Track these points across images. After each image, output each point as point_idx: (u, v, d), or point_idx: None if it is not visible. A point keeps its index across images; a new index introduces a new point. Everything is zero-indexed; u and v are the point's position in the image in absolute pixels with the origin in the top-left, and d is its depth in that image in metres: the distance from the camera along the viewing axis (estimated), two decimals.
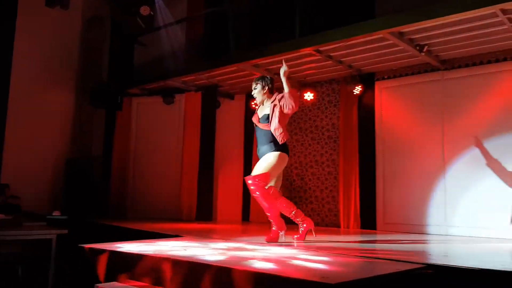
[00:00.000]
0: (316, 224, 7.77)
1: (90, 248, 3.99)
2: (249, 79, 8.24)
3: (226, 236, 5.70)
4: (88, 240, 4.37)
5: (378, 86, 7.43)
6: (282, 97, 4.97)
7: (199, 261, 3.27)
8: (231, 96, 9.45)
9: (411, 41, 6.24)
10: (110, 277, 3.75)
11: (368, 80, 7.51)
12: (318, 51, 6.77)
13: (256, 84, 5.22)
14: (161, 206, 8.84)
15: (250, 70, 7.69)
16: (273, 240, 4.99)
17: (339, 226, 7.51)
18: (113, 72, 9.96)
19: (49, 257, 5.53)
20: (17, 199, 7.92)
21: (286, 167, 6.78)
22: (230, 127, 9.32)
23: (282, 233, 5.06)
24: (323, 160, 7.97)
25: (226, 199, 9.08)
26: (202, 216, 8.48)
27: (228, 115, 9.37)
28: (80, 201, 9.21)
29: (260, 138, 5.06)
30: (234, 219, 8.86)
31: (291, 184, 8.35)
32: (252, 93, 5.25)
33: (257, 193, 4.95)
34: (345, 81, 7.61)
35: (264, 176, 4.89)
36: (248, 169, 8.80)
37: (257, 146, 5.17)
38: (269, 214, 5.06)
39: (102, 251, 3.92)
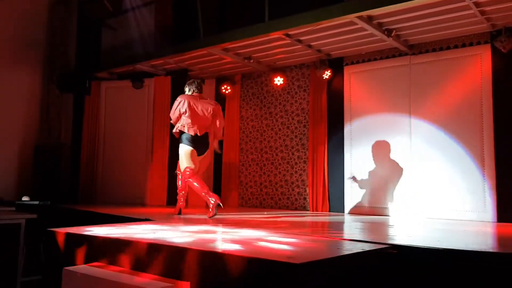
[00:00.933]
0: (286, 207, 7.93)
1: (59, 232, 3.97)
2: (219, 63, 8.24)
3: (195, 220, 5.72)
4: (58, 225, 4.34)
5: (347, 71, 7.51)
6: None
7: (165, 244, 3.29)
8: (201, 81, 9.38)
9: (379, 26, 6.31)
10: (76, 260, 3.75)
11: (337, 64, 7.58)
12: (288, 35, 6.78)
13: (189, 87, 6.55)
14: (131, 191, 8.79)
15: (220, 54, 7.66)
16: (214, 214, 5.91)
17: (308, 209, 7.64)
18: (80, 56, 9.75)
19: (18, 241, 5.49)
20: None
21: (257, 150, 7.62)
22: None
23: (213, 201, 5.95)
24: (293, 144, 8.05)
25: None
26: (173, 201, 8.46)
27: None
28: (49, 187, 9.08)
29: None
30: (205, 203, 8.86)
31: (261, 169, 8.41)
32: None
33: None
34: (315, 65, 7.66)
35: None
36: (219, 156, 8.84)
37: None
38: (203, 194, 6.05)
39: (71, 234, 3.91)
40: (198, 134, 6.13)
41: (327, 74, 7.50)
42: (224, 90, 8.79)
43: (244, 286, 2.78)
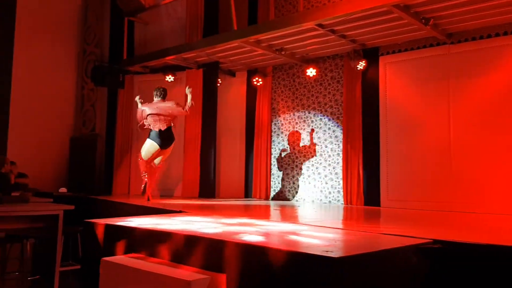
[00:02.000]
0: (320, 200, 7.84)
1: (97, 223, 4.02)
2: (251, 55, 8.18)
3: (228, 212, 5.72)
4: (93, 216, 4.40)
5: (383, 61, 7.34)
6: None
7: (203, 236, 3.27)
8: (232, 73, 9.38)
9: (416, 14, 6.12)
10: (115, 251, 3.79)
11: (372, 55, 7.41)
12: (321, 26, 6.66)
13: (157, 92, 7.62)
14: (164, 183, 8.85)
15: (252, 47, 7.59)
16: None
17: (342, 203, 7.52)
18: (114, 49, 9.88)
19: (56, 232, 5.61)
20: (25, 177, 7.95)
21: (289, 143, 7.67)
22: (232, 104, 9.29)
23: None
24: (326, 137, 7.94)
25: (228, 176, 9.11)
26: (205, 193, 8.51)
27: (229, 92, 9.33)
28: (84, 178, 9.27)
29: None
30: (236, 196, 8.90)
31: (293, 161, 8.34)
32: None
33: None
34: (349, 56, 7.51)
35: None
36: (249, 146, 8.84)
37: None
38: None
39: (109, 226, 3.95)
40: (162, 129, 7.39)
41: (361, 65, 7.34)
42: (255, 82, 8.74)
43: (281, 279, 2.76)
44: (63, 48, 9.88)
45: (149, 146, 7.41)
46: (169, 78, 9.04)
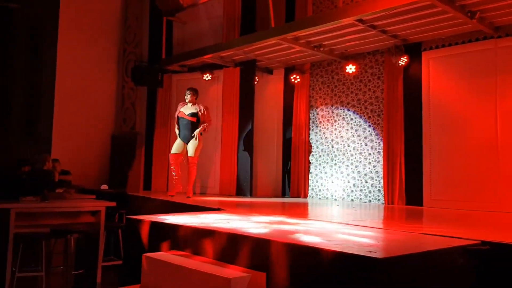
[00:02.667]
0: (359, 200, 7.70)
1: (137, 220, 4.07)
2: (288, 52, 8.12)
3: (266, 210, 5.69)
4: (134, 212, 4.46)
5: (425, 57, 7.12)
6: (203, 115, 7.75)
7: (254, 236, 3.25)
8: (269, 71, 9.35)
9: (461, 7, 5.91)
10: (155, 247, 3.82)
11: (415, 50, 7.21)
12: (361, 21, 6.53)
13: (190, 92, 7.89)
14: (201, 181, 8.93)
15: (289, 44, 7.53)
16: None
17: (383, 202, 7.37)
18: (153, 49, 10.03)
19: (99, 227, 5.75)
20: (69, 175, 8.19)
21: (327, 141, 7.56)
22: (269, 102, 9.27)
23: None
24: (366, 134, 7.79)
25: (265, 174, 9.09)
26: (241, 191, 8.52)
27: (266, 90, 9.31)
28: (124, 175, 9.47)
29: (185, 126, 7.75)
30: (273, 194, 8.87)
31: (332, 160, 8.23)
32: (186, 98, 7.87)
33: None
34: (390, 52, 7.34)
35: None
36: (287, 144, 8.79)
37: (180, 131, 7.82)
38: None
39: (148, 222, 3.99)
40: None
41: (403, 61, 7.16)
42: (293, 80, 8.68)
43: (323, 279, 2.72)
44: (104, 48, 10.11)
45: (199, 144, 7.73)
46: (207, 76, 9.10)
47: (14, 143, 10.54)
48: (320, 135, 8.46)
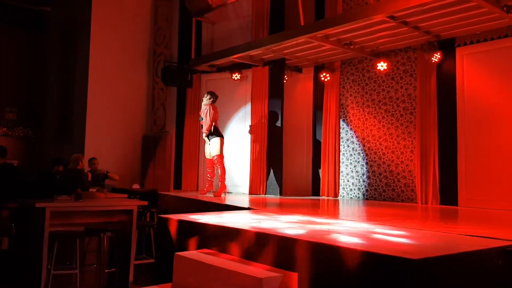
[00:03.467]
0: (392, 199, 7.57)
1: (168, 218, 4.10)
2: (318, 51, 8.05)
3: (295, 209, 5.65)
4: (164, 212, 4.50)
5: (459, 53, 6.93)
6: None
7: (285, 235, 3.23)
8: (299, 70, 9.30)
9: (497, 2, 5.74)
10: (187, 246, 3.84)
11: (448, 46, 7.03)
12: (392, 17, 6.41)
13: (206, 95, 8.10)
14: (231, 180, 8.95)
15: (319, 42, 7.46)
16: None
17: (416, 202, 7.21)
18: (183, 50, 10.13)
19: (131, 226, 5.84)
20: (113, 179, 8.39)
21: (358, 139, 7.41)
22: (298, 100, 9.22)
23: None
24: (398, 133, 7.64)
25: (295, 173, 9.05)
26: (271, 190, 8.50)
27: (295, 89, 9.26)
28: (155, 175, 9.60)
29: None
30: (303, 193, 8.81)
31: (363, 159, 8.11)
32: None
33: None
34: (422, 48, 7.18)
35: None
36: (317, 143, 8.71)
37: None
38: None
39: (179, 221, 4.01)
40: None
41: (436, 57, 6.99)
42: (323, 78, 8.59)
43: (356, 280, 2.68)
44: (135, 50, 10.28)
45: (221, 141, 7.86)
46: (236, 76, 9.12)
47: (48, 143, 10.87)
48: (350, 133, 8.35)
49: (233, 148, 9.05)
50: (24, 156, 11.04)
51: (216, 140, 7.82)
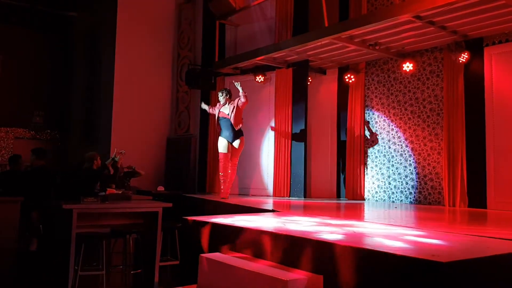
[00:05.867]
0: (418, 202, 7.43)
1: (194, 221, 4.12)
2: (342, 52, 7.98)
3: (323, 212, 5.60)
4: (189, 214, 4.51)
5: (488, 52, 6.78)
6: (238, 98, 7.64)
7: (306, 237, 3.21)
8: (322, 71, 9.23)
9: None
10: (212, 248, 3.85)
11: (476, 46, 6.88)
12: (418, 17, 6.31)
13: (222, 93, 7.82)
14: (254, 182, 8.95)
15: (344, 43, 7.39)
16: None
17: (443, 205, 7.06)
18: (206, 53, 10.18)
19: (156, 228, 5.88)
20: (138, 175, 8.44)
21: (384, 142, 7.36)
22: (322, 102, 9.16)
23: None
24: (425, 134, 7.51)
25: (319, 175, 8.98)
26: (295, 192, 8.45)
27: (319, 91, 9.20)
28: (180, 177, 9.67)
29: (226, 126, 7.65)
30: (327, 195, 8.74)
31: (389, 161, 8.00)
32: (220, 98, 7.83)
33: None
34: (449, 48, 7.05)
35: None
36: (341, 145, 8.63)
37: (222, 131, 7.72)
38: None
39: (205, 223, 4.02)
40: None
41: (463, 57, 6.85)
42: (347, 80, 8.51)
43: (383, 283, 2.65)
44: (159, 53, 10.40)
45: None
46: (259, 78, 9.11)
47: (75, 146, 11.08)
48: (375, 135, 8.25)
49: (256, 150, 9.05)
50: (51, 159, 11.29)
51: (241, 143, 7.71)
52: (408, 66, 7.49)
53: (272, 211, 5.48)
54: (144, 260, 6.00)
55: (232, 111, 7.59)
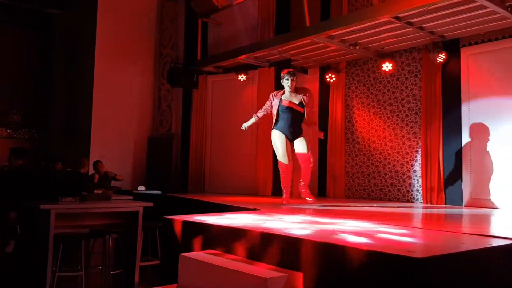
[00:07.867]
0: (396, 199, 7.55)
1: (174, 220, 4.12)
2: (323, 51, 8.04)
3: (303, 210, 5.65)
4: (170, 213, 4.51)
5: (464, 53, 6.91)
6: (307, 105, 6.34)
7: (291, 235, 3.23)
8: (304, 70, 9.28)
9: (501, 1, 5.71)
10: (192, 247, 3.85)
11: (453, 46, 7.01)
12: (397, 18, 6.40)
13: (293, 76, 6.37)
14: (237, 181, 8.97)
15: (325, 42, 7.46)
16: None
17: (421, 202, 7.20)
18: (189, 51, 10.17)
19: (136, 228, 5.85)
20: (118, 180, 8.42)
21: (364, 140, 7.34)
22: None
23: None
24: (403, 133, 7.63)
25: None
26: (278, 191, 8.48)
27: None
28: (161, 176, 9.62)
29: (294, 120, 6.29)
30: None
31: (368, 159, 8.10)
32: (288, 84, 6.35)
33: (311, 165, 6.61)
34: (427, 49, 7.16)
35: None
36: (323, 144, 8.69)
37: (288, 125, 6.29)
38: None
39: (187, 222, 4.03)
40: None
41: (441, 57, 6.97)
42: (328, 79, 8.57)
43: (362, 279, 2.68)
44: (141, 51, 10.34)
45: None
46: (241, 77, 9.14)
47: (54, 145, 10.93)
48: (356, 134, 8.34)
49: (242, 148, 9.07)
50: (29, 159, 11.12)
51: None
52: (387, 66, 7.59)
53: (254, 209, 5.50)
54: (124, 260, 5.96)
55: (305, 105, 6.26)
